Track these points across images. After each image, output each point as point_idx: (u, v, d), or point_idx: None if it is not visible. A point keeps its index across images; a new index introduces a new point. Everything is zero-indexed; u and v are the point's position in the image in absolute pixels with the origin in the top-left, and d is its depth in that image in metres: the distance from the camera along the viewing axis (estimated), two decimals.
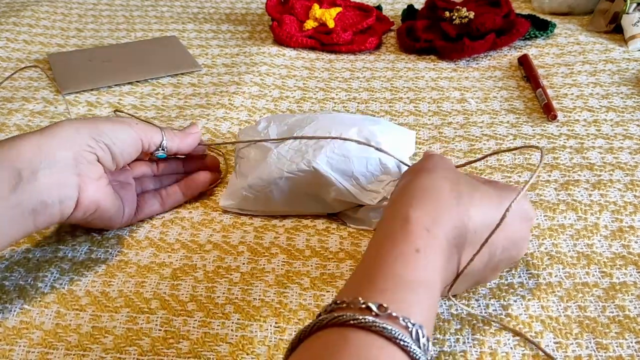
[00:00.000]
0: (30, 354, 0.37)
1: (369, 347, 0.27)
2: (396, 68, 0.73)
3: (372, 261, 0.32)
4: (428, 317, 0.30)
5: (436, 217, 0.34)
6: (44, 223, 0.39)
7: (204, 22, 0.87)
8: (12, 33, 0.81)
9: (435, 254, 0.32)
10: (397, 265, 0.31)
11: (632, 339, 0.38)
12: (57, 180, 0.39)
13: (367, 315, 0.28)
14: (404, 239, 0.32)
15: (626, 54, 0.73)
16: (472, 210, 0.35)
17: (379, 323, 0.27)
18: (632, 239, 0.45)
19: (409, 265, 0.31)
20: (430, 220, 0.33)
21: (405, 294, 0.30)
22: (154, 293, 0.41)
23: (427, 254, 0.32)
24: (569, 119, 0.61)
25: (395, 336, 0.27)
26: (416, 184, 0.36)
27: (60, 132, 0.40)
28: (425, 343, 0.28)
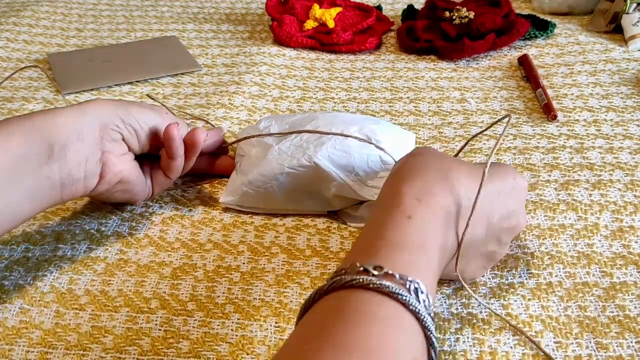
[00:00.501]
0: (29, 354, 0.37)
1: (367, 303, 0.28)
2: (396, 68, 0.73)
3: (368, 232, 0.34)
4: (427, 276, 0.31)
5: (426, 188, 0.35)
6: (70, 196, 0.41)
7: (204, 22, 0.87)
8: (12, 33, 0.81)
9: (428, 221, 0.33)
10: (391, 231, 0.32)
11: (632, 339, 0.38)
12: (84, 155, 0.41)
13: (364, 276, 0.28)
14: (396, 209, 0.34)
15: (626, 54, 0.73)
16: (462, 180, 0.37)
17: (376, 281, 0.28)
18: (633, 239, 0.45)
19: (402, 230, 0.32)
20: (421, 192, 0.35)
21: (400, 256, 0.31)
22: (154, 292, 0.41)
23: (419, 220, 0.33)
24: (569, 119, 0.61)
25: (393, 291, 0.28)
26: (405, 165, 0.38)
27: (91, 110, 0.42)
28: (425, 299, 0.29)
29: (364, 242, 0.33)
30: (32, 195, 0.38)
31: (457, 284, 0.42)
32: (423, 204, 0.34)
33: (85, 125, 0.41)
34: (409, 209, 0.33)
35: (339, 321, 0.27)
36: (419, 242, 0.32)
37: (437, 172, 0.36)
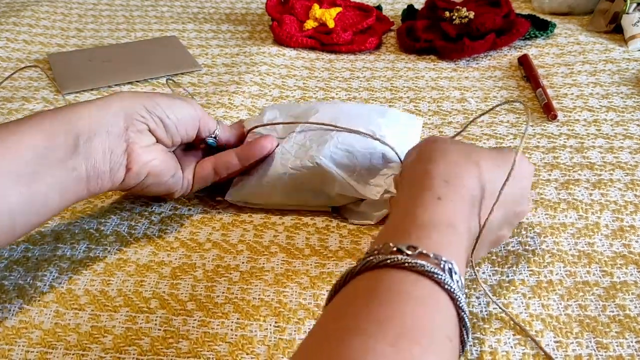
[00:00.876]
0: (29, 354, 0.37)
1: (402, 282, 0.27)
2: (396, 68, 0.73)
3: (398, 213, 0.34)
4: (458, 256, 0.31)
5: (453, 170, 0.35)
6: (97, 189, 0.41)
7: (204, 22, 0.87)
8: (12, 33, 0.81)
9: (456, 202, 0.34)
10: (422, 211, 0.32)
11: (632, 339, 0.38)
12: (109, 147, 0.40)
13: (398, 255, 0.28)
14: (426, 190, 0.34)
15: (626, 54, 0.73)
16: (484, 163, 0.37)
17: (411, 260, 0.28)
18: (633, 239, 0.45)
19: (434, 210, 0.32)
20: (448, 173, 0.35)
21: (433, 235, 0.31)
22: (153, 292, 0.41)
23: (449, 201, 0.33)
24: (569, 118, 0.61)
25: (428, 270, 0.27)
26: (426, 148, 0.38)
27: (116, 102, 0.41)
28: (458, 279, 0.28)
29: (396, 222, 0.33)
30: (58, 189, 0.38)
31: None
32: (451, 185, 0.34)
33: (109, 117, 0.40)
34: (438, 190, 0.34)
35: (373, 300, 0.27)
36: (450, 223, 0.32)
37: (460, 155, 0.37)
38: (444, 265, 0.28)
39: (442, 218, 0.32)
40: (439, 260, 0.29)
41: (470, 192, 0.35)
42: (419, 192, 0.34)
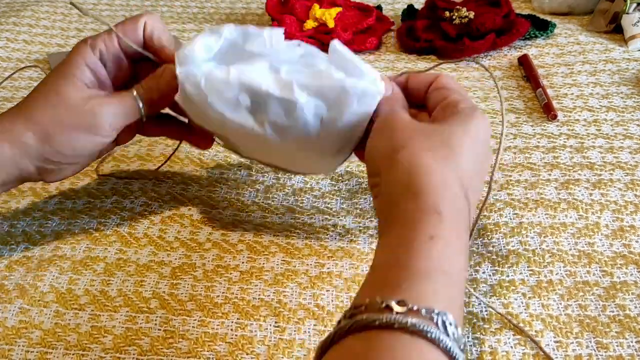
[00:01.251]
0: (29, 354, 0.37)
1: (394, 348, 0.25)
2: (396, 68, 0.73)
3: (385, 256, 0.30)
4: (453, 305, 0.28)
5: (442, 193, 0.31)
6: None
7: (204, 22, 0.87)
8: (12, 33, 0.81)
9: (451, 237, 0.30)
10: (412, 256, 0.29)
11: (632, 339, 0.38)
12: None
13: (387, 314, 0.26)
14: (415, 228, 0.30)
15: (626, 54, 0.73)
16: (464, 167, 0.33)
17: (401, 319, 0.25)
18: (633, 239, 0.45)
19: (425, 254, 0.29)
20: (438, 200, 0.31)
21: (425, 286, 0.28)
22: (153, 292, 0.41)
23: (442, 238, 0.30)
24: (569, 118, 0.61)
25: (420, 329, 0.25)
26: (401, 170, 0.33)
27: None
28: (454, 331, 0.26)
29: (383, 269, 0.30)
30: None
31: None
32: (444, 217, 0.30)
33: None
34: (430, 228, 0.30)
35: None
36: (443, 267, 0.29)
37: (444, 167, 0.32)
38: (437, 320, 0.26)
39: (435, 264, 0.29)
40: (431, 314, 0.26)
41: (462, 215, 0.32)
42: (407, 232, 0.30)
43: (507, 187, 0.51)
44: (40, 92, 0.41)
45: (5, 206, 0.49)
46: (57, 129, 0.39)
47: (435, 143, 0.33)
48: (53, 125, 0.39)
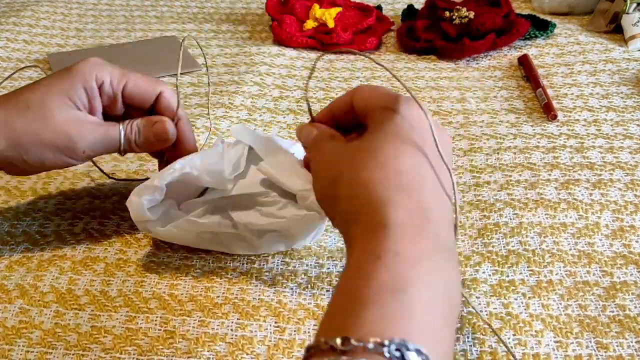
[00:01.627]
0: (29, 354, 0.37)
1: None
2: (396, 68, 0.73)
3: (339, 285, 0.27)
4: (417, 325, 0.24)
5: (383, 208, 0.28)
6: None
7: (204, 22, 0.87)
8: (12, 33, 0.81)
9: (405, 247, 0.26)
10: (358, 282, 0.26)
11: (632, 339, 0.38)
12: None
13: (332, 356, 0.23)
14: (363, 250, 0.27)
15: (626, 54, 0.73)
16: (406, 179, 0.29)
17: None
18: (633, 239, 0.45)
19: (374, 277, 0.25)
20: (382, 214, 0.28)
21: (370, 313, 0.24)
22: (153, 292, 0.41)
23: (391, 254, 0.26)
24: (569, 118, 0.61)
25: None
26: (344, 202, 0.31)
27: None
28: (414, 357, 0.22)
29: (334, 302, 0.26)
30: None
31: None
32: (392, 230, 0.27)
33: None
34: (377, 245, 0.26)
35: None
36: (395, 286, 0.25)
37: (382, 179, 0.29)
38: (389, 351, 0.22)
39: (384, 286, 0.25)
40: (382, 347, 0.22)
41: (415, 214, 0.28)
42: (355, 256, 0.27)
43: (507, 187, 0.51)
44: (28, 99, 0.40)
45: (5, 206, 0.49)
46: (31, 142, 0.39)
47: (365, 158, 0.31)
48: (28, 136, 0.39)
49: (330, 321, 0.25)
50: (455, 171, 0.53)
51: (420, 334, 0.24)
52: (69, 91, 0.40)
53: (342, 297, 0.26)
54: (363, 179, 0.29)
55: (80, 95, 0.40)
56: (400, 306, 0.24)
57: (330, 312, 0.26)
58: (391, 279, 0.25)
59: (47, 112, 0.39)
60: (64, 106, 0.40)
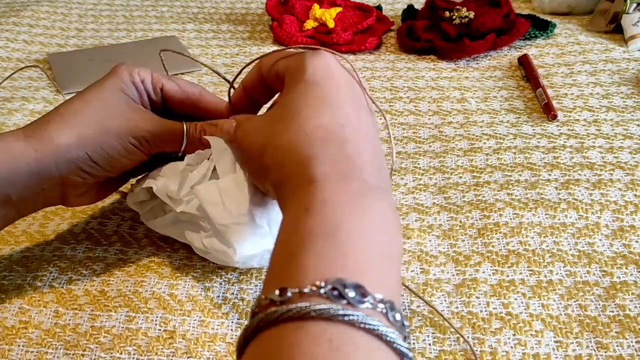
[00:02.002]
0: (29, 354, 0.37)
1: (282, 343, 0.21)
2: (396, 68, 0.73)
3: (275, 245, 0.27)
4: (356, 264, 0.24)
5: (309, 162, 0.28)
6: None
7: (204, 22, 0.87)
8: (12, 33, 0.81)
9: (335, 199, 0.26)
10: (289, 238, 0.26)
11: (632, 339, 0.38)
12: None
13: (273, 308, 0.22)
14: (291, 207, 0.28)
15: (626, 54, 0.73)
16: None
17: (284, 309, 0.22)
18: (633, 239, 0.45)
19: (299, 229, 0.25)
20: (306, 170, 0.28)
21: (303, 260, 0.24)
22: (153, 292, 0.41)
23: (320, 206, 0.26)
24: (569, 118, 0.61)
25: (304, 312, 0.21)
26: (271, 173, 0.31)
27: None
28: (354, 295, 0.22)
29: (271, 260, 0.27)
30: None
31: (459, 281, 0.42)
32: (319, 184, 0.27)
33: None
34: (305, 200, 0.27)
35: None
36: (326, 231, 0.25)
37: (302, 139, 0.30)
38: (326, 291, 0.22)
39: (314, 232, 0.25)
40: (318, 289, 0.22)
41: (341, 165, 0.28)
42: (285, 216, 0.28)
43: (507, 187, 0.51)
44: (83, 99, 0.39)
45: None
46: (98, 131, 0.37)
47: (282, 124, 0.31)
48: (95, 125, 0.37)
49: (269, 279, 0.25)
50: (455, 171, 0.53)
51: (357, 270, 0.23)
52: (121, 85, 0.40)
53: (276, 253, 0.26)
54: (285, 144, 0.30)
55: (131, 89, 0.40)
56: (333, 247, 0.24)
57: (268, 270, 0.26)
58: (320, 224, 0.25)
59: (107, 103, 0.39)
60: (122, 97, 0.39)
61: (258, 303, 0.23)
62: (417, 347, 0.37)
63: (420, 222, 0.48)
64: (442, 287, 0.41)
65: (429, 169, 0.54)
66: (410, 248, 0.45)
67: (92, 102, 0.39)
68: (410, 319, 0.39)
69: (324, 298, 0.22)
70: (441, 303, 0.40)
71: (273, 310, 0.22)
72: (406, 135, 0.59)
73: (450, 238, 0.46)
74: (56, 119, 0.38)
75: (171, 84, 0.42)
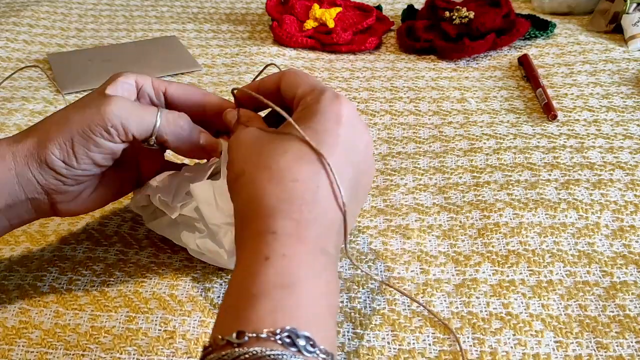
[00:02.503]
0: (29, 354, 0.37)
1: None
2: (396, 68, 0.73)
3: (230, 285, 0.29)
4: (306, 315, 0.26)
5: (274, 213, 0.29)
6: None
7: (204, 22, 0.87)
8: (12, 33, 0.81)
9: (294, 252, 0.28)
10: (249, 282, 0.27)
11: (632, 339, 0.38)
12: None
13: (229, 350, 0.24)
14: (253, 251, 0.29)
15: (626, 54, 0.73)
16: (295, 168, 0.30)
17: (242, 352, 0.24)
18: (633, 239, 0.45)
19: (259, 277, 0.27)
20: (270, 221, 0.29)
21: (261, 306, 0.26)
22: (153, 293, 0.41)
23: (278, 256, 0.28)
24: (569, 118, 0.61)
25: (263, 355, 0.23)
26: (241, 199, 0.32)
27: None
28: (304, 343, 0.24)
29: (227, 300, 0.28)
30: None
31: (459, 281, 0.42)
32: (279, 235, 0.28)
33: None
34: (265, 248, 0.28)
35: None
36: (283, 282, 0.27)
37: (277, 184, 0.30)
38: (280, 338, 0.24)
39: (272, 282, 0.26)
40: (274, 335, 0.24)
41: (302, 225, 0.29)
42: (246, 257, 0.29)
43: (507, 187, 0.51)
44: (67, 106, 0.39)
45: None
46: (59, 126, 0.36)
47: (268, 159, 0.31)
48: (55, 122, 0.36)
49: (225, 318, 0.27)
50: (455, 171, 0.53)
51: (308, 323, 0.26)
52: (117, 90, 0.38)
53: (233, 295, 0.28)
54: (259, 185, 0.30)
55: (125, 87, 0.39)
56: (289, 299, 0.26)
57: (223, 309, 0.28)
58: (279, 276, 0.27)
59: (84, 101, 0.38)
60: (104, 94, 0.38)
61: (214, 341, 0.25)
62: (417, 347, 0.37)
63: (420, 222, 0.48)
64: (442, 287, 0.41)
65: (429, 169, 0.54)
66: (410, 248, 0.45)
67: (75, 103, 0.38)
68: (410, 319, 0.39)
69: (279, 344, 0.24)
70: (441, 303, 0.40)
71: (230, 351, 0.24)
72: (406, 135, 0.59)
73: (450, 238, 0.46)
74: (40, 123, 0.37)
75: (174, 87, 0.41)
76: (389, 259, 0.44)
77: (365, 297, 0.41)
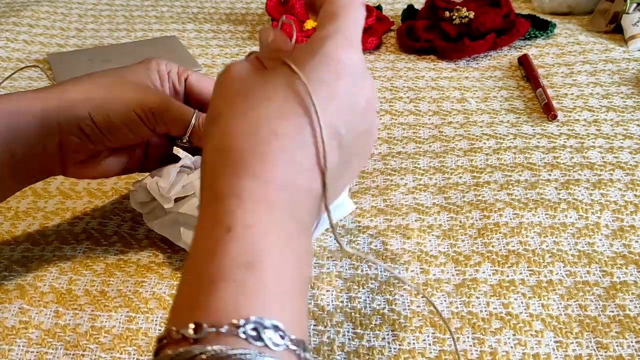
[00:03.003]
0: (29, 354, 0.37)
1: None
2: (396, 68, 0.73)
3: (188, 261, 0.25)
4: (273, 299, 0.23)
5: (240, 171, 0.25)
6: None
7: (204, 22, 0.87)
8: (12, 33, 0.81)
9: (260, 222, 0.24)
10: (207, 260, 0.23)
11: (632, 339, 0.38)
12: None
13: (186, 346, 0.21)
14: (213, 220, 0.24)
15: (626, 54, 0.73)
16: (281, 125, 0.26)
17: (199, 350, 0.20)
18: (633, 239, 0.45)
19: (219, 253, 0.23)
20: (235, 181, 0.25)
21: (222, 294, 0.22)
22: (153, 293, 0.41)
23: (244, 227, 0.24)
24: (569, 118, 0.61)
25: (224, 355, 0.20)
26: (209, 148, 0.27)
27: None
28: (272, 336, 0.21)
29: (184, 281, 0.24)
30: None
31: (459, 281, 0.42)
32: (244, 201, 0.24)
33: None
34: (228, 217, 0.24)
35: None
36: (247, 261, 0.23)
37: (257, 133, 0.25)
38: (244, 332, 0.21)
39: (235, 262, 0.23)
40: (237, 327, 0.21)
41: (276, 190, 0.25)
42: (204, 226, 0.24)
43: (507, 187, 0.51)
44: (96, 73, 0.41)
45: (5, 206, 0.49)
46: (103, 95, 0.39)
47: (249, 101, 0.27)
48: (101, 90, 0.39)
49: (181, 305, 0.23)
50: (455, 171, 0.53)
51: (276, 308, 0.22)
52: (145, 71, 0.42)
53: (191, 276, 0.24)
54: (231, 133, 0.26)
55: (154, 77, 0.42)
56: (253, 281, 0.22)
57: (180, 294, 0.24)
58: (243, 253, 0.23)
59: (123, 79, 0.41)
60: (141, 77, 0.41)
61: (168, 334, 0.22)
62: (417, 347, 0.37)
63: (420, 222, 0.48)
64: (442, 287, 0.41)
65: (429, 169, 0.54)
66: (410, 248, 0.45)
67: (110, 75, 0.41)
68: (410, 319, 0.39)
69: (242, 340, 0.21)
70: (441, 303, 0.40)
71: (186, 349, 0.21)
72: (406, 135, 0.59)
73: (450, 238, 0.46)
74: (72, 81, 0.40)
75: (195, 76, 0.44)
76: (389, 259, 0.44)
77: (365, 297, 0.41)
